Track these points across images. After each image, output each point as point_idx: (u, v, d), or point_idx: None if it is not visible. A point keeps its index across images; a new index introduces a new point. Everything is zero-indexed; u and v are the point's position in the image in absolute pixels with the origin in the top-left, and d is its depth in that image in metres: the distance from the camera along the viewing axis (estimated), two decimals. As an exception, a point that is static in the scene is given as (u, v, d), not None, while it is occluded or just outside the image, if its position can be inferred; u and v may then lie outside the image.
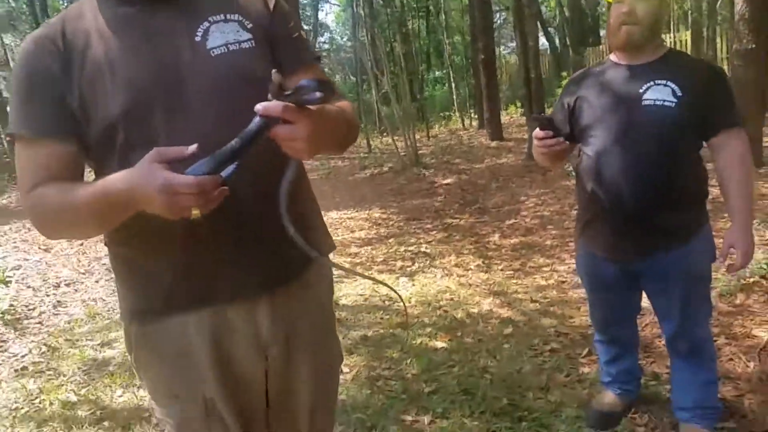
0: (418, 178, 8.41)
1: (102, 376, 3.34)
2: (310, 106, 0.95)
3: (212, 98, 1.11)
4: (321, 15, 29.26)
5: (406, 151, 9.40)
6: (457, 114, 14.59)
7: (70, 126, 1.10)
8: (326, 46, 26.23)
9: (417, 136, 10.12)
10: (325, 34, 28.20)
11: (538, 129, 1.89)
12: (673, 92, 1.79)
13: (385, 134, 13.09)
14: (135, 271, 1.21)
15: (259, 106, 0.92)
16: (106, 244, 1.25)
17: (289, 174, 1.04)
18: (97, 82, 1.09)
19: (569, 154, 2.08)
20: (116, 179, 1.00)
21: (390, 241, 5.49)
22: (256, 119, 0.92)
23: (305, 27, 19.74)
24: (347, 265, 4.85)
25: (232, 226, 1.13)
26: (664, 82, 1.81)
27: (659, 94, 1.80)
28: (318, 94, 0.93)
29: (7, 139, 1.28)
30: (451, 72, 16.05)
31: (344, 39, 27.70)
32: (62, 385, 3.31)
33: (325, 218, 1.39)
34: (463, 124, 13.63)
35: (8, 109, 1.17)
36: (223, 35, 1.15)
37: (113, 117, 1.08)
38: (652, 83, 1.82)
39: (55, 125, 1.10)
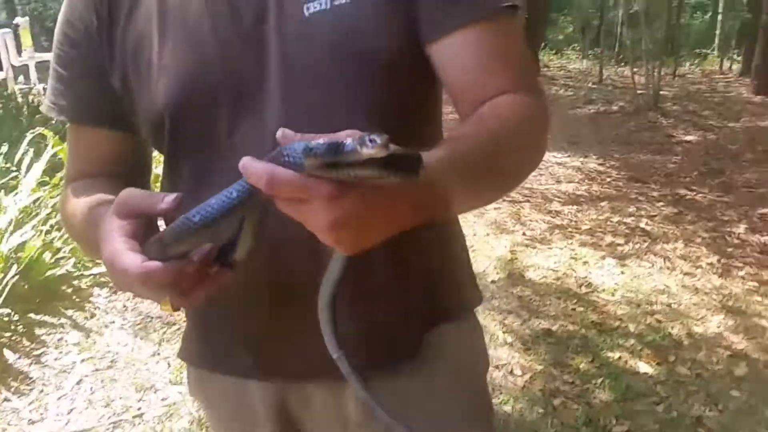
0: (652, 126, 7.17)
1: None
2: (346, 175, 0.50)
3: (300, 93, 0.72)
4: None
5: (644, 90, 8.08)
6: (717, 53, 12.33)
7: (116, 110, 0.80)
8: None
9: (661, 73, 8.62)
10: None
11: None
12: None
13: (622, 64, 11.53)
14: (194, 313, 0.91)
15: (245, 160, 0.50)
16: None
17: (332, 271, 0.63)
18: (140, 54, 0.76)
19: None
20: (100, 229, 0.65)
21: (602, 204, 4.64)
22: (241, 183, 0.54)
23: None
24: (544, 225, 4.17)
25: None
26: None
27: None
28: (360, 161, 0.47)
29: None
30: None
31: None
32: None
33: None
34: (721, 67, 11.50)
35: None
36: None
37: (157, 108, 0.75)
38: None
39: (90, 111, 0.82)
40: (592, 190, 4.99)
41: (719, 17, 13.22)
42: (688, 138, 6.62)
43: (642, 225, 4.23)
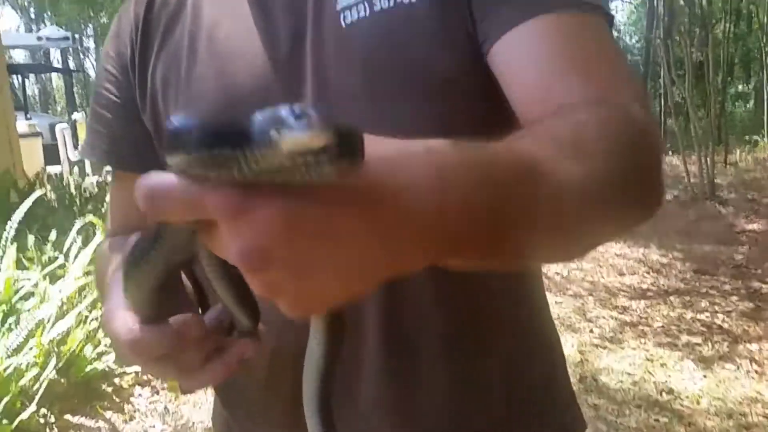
0: (712, 215, 6.86)
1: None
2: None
3: (342, 116, 0.48)
4: (610, 12, 27.25)
5: (697, 179, 7.85)
6: (767, 140, 12.09)
7: (157, 156, 0.68)
8: (611, 46, 24.85)
9: (714, 161, 8.40)
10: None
11: None
12: None
13: (670, 153, 11.36)
14: None
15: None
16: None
17: (312, 348, 0.45)
18: (167, 87, 0.67)
19: None
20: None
21: (672, 299, 4.33)
22: None
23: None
24: (612, 323, 3.87)
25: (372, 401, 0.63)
26: None
27: None
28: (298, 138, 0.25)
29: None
30: (765, 86, 13.36)
31: (633, 40, 25.58)
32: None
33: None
34: (774, 154, 11.21)
35: None
36: None
37: None
38: None
39: (127, 156, 0.72)
40: (659, 284, 4.68)
41: (766, 105, 13.10)
42: (752, 227, 6.28)
43: (718, 322, 3.89)
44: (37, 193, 4.48)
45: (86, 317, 3.20)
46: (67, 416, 2.79)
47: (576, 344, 3.54)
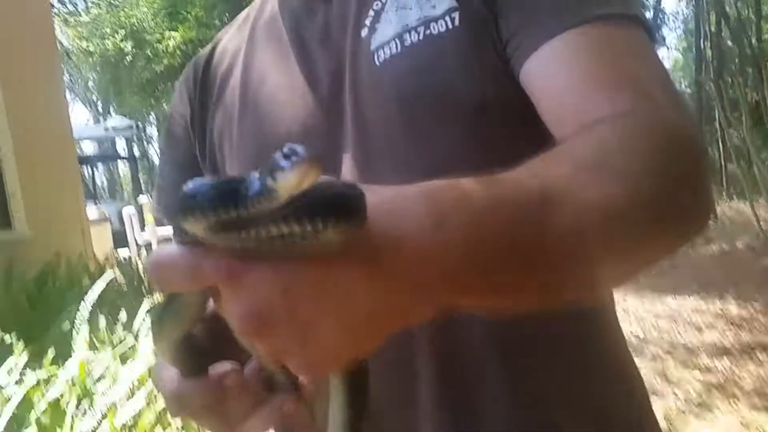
0: (790, 263, 6.49)
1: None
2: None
3: (373, 151, 0.62)
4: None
5: (769, 225, 7.50)
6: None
7: None
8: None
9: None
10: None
11: None
12: None
13: (735, 199, 10.94)
14: None
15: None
16: None
17: (335, 408, 0.43)
18: (223, 138, 0.71)
19: None
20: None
21: (761, 355, 4.05)
22: None
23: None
24: (697, 385, 3.63)
25: None
26: None
27: None
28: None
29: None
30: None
31: (683, 86, 25.27)
32: None
33: (660, 306, 0.57)
34: None
35: None
36: (400, 16, 0.61)
37: None
38: None
39: None
40: (742, 340, 4.40)
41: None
42: (839, 273, 5.90)
43: (817, 379, 3.60)
44: (108, 275, 4.64)
45: (155, 396, 3.22)
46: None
47: (661, 411, 3.32)
